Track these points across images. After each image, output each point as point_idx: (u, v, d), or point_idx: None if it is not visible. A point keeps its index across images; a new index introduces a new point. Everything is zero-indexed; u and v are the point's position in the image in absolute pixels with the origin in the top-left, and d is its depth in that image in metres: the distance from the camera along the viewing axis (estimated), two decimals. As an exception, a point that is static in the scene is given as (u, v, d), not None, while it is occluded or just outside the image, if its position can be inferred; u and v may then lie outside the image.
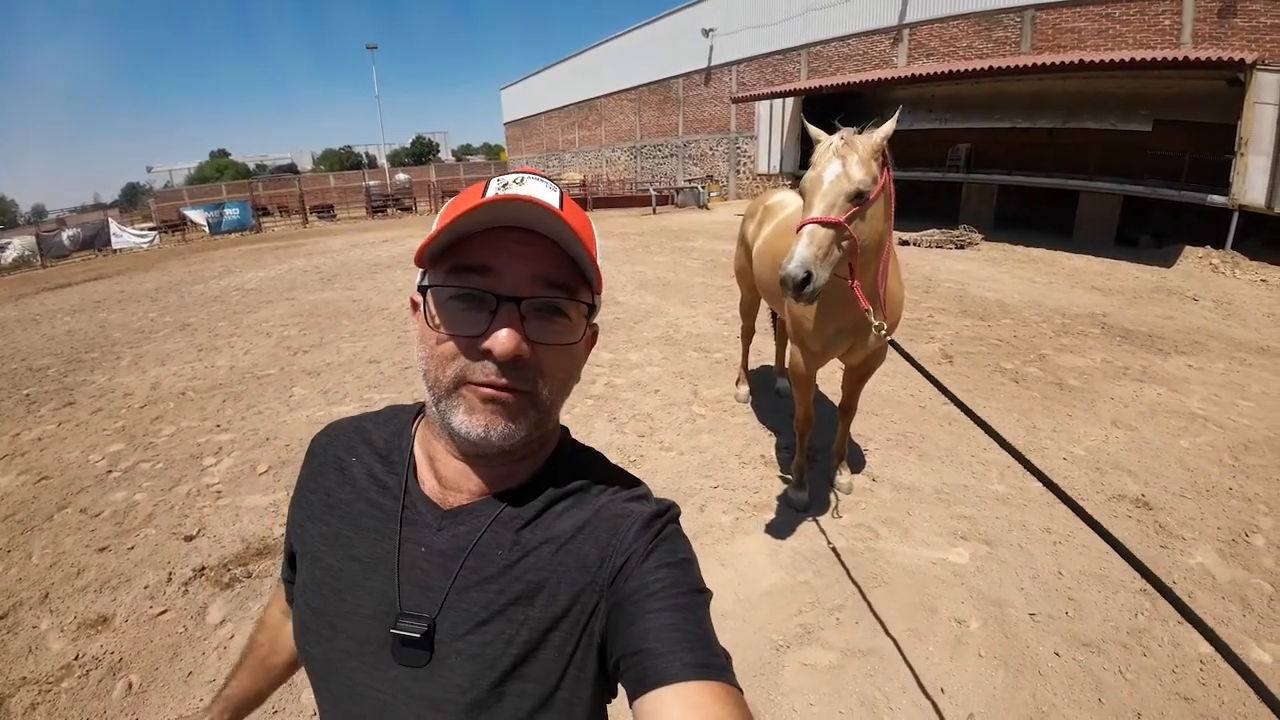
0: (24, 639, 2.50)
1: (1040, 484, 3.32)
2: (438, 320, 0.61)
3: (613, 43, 29.62)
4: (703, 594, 0.64)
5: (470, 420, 0.60)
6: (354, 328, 7.18)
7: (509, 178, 0.63)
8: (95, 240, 20.34)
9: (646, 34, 27.16)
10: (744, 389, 4.67)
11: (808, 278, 2.02)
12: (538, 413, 0.63)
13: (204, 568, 2.89)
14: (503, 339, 0.58)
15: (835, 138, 2.19)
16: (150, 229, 23.06)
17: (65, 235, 20.12)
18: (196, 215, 23.36)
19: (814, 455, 3.57)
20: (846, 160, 2.11)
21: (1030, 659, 2.25)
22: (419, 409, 0.75)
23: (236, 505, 3.44)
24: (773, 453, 3.82)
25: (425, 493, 0.68)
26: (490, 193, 0.60)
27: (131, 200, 69.21)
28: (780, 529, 3.06)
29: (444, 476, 0.68)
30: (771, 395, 4.67)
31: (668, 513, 0.69)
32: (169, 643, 2.43)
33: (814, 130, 2.38)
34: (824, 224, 2.06)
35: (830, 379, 4.39)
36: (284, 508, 3.34)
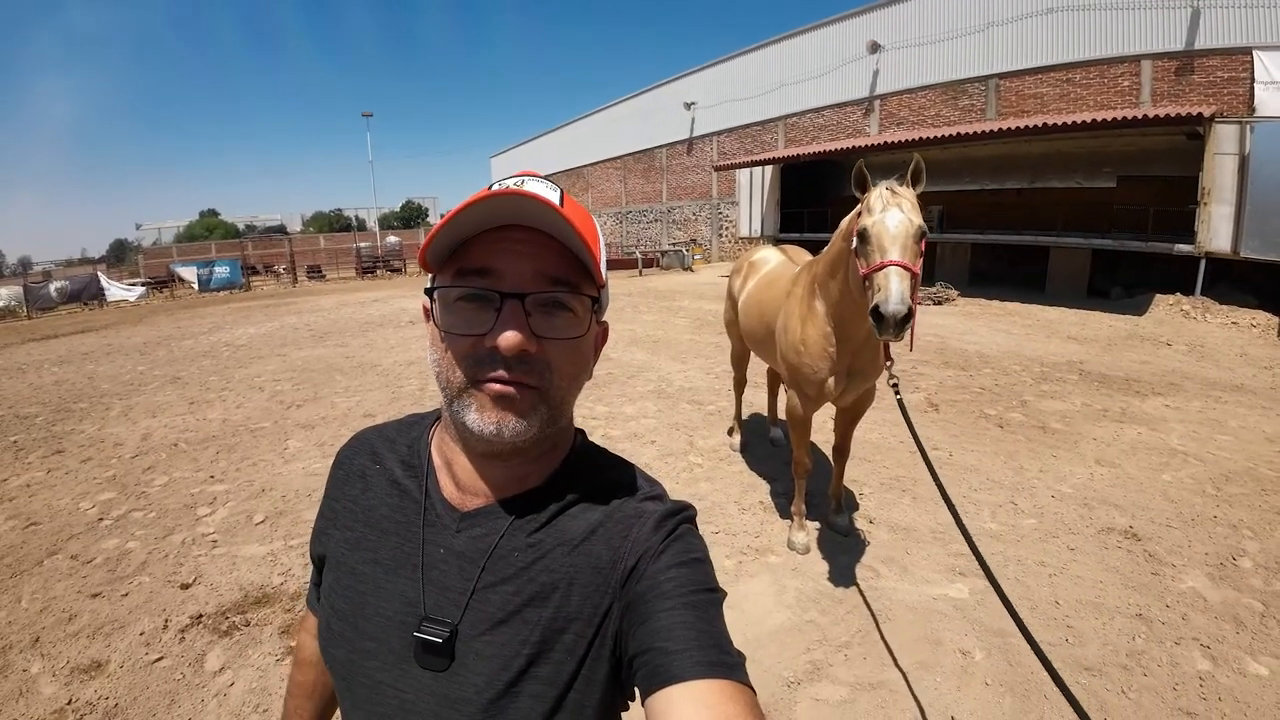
0: (14, 682, 2.43)
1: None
2: (446, 322, 0.62)
3: (599, 114, 30.89)
4: (715, 593, 0.63)
5: (482, 418, 0.60)
6: (347, 383, 7.19)
7: (509, 181, 0.63)
8: (83, 293, 20.36)
9: (631, 106, 28.41)
10: (738, 438, 4.72)
11: (909, 313, 2.15)
12: (548, 409, 0.63)
13: (201, 615, 2.83)
14: (508, 335, 0.58)
15: (882, 187, 2.35)
16: (141, 284, 23.15)
17: (53, 287, 20.15)
18: (187, 272, 23.64)
19: (811, 500, 3.62)
20: (903, 206, 2.27)
21: (1035, 685, 2.27)
22: (436, 415, 0.76)
23: (233, 554, 3.40)
24: (770, 499, 3.86)
25: (444, 496, 0.69)
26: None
27: (119, 256, 69.06)
28: (783, 571, 3.10)
29: (461, 480, 0.68)
30: (766, 444, 4.72)
31: (681, 512, 0.69)
32: (166, 689, 2.37)
33: (867, 181, 2.47)
34: (905, 268, 2.18)
35: (822, 427, 4.47)
36: (282, 558, 3.33)
